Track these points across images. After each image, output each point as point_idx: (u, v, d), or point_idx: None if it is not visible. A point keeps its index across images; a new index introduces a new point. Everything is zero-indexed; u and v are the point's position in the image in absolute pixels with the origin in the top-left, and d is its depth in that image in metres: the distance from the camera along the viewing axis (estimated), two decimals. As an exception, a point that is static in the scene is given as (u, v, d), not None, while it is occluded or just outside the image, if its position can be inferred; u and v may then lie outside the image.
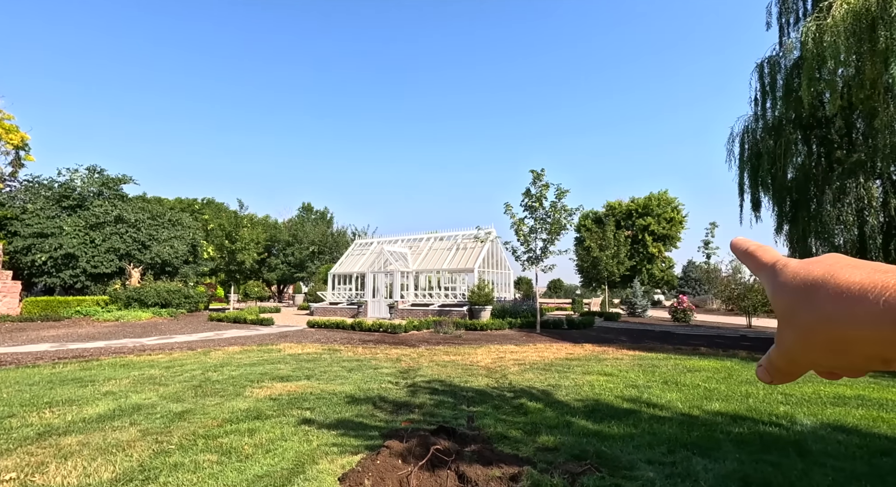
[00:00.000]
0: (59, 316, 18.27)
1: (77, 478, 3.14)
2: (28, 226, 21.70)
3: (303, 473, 3.19)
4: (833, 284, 0.29)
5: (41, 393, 5.60)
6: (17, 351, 9.73)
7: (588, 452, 3.57)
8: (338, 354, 9.21)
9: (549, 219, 14.37)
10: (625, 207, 41.19)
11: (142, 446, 3.76)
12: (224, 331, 13.98)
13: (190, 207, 41.06)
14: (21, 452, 3.62)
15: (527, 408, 4.99)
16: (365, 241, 27.00)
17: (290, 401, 5.25)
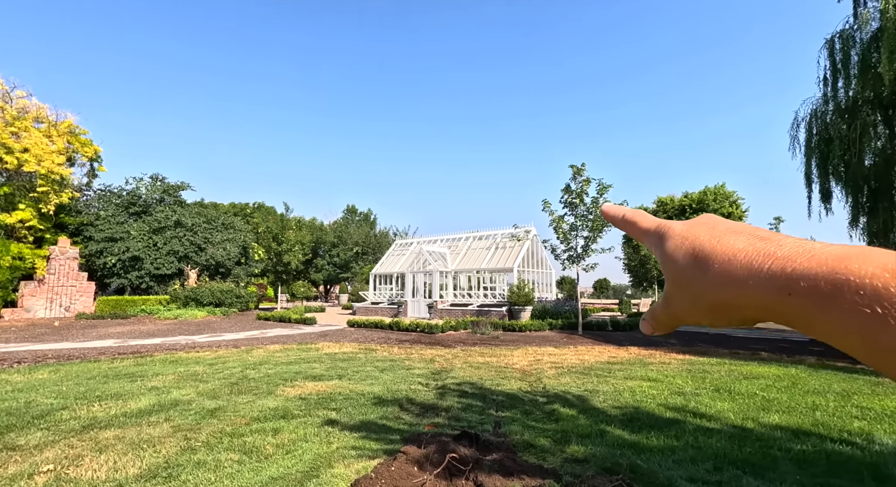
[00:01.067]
0: (126, 314, 19.78)
1: (106, 473, 3.25)
2: (101, 231, 23.69)
3: (316, 477, 3.12)
4: (720, 252, 0.30)
5: (95, 387, 5.97)
6: (84, 346, 10.56)
7: (621, 465, 3.26)
8: (373, 354, 9.25)
9: (591, 216, 13.76)
10: (677, 203, 38.92)
11: (171, 442, 3.86)
12: (269, 330, 14.52)
13: (242, 211, 43.29)
14: (63, 444, 3.81)
15: (559, 415, 4.70)
16: (405, 242, 27.24)
17: (319, 401, 5.26)
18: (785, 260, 0.27)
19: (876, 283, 0.22)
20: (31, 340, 11.84)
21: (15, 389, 5.89)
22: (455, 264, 22.12)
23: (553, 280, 23.83)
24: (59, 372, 7.14)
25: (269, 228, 31.40)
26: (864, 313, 0.22)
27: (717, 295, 0.30)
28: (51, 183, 20.99)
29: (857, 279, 0.23)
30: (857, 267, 0.23)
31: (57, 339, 12.03)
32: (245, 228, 29.68)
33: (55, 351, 9.58)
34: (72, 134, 23.00)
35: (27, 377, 6.72)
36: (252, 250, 29.56)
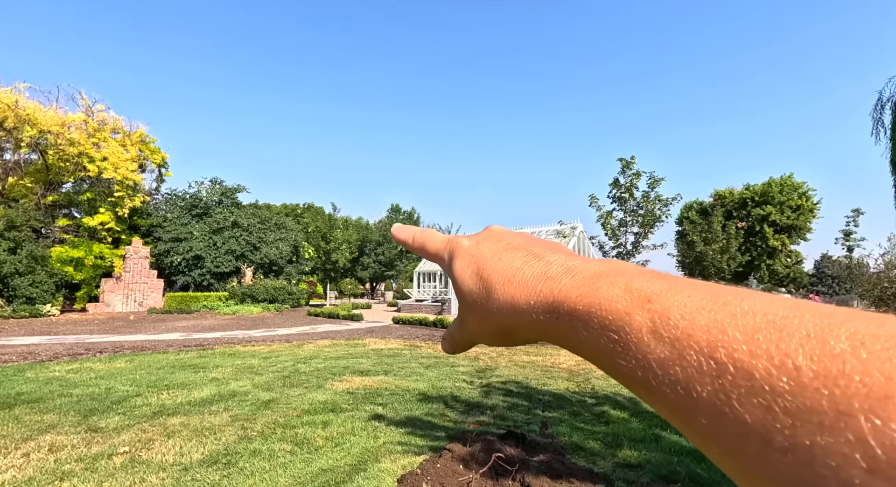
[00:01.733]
0: (190, 309, 21.25)
1: (173, 457, 3.48)
2: (168, 232, 25.59)
3: (364, 471, 3.18)
4: (501, 273, 0.30)
5: (163, 377, 6.45)
6: (154, 338, 11.45)
7: (679, 473, 3.07)
8: (418, 350, 9.35)
9: (642, 211, 13.15)
10: (737, 196, 36.40)
11: (230, 431, 4.08)
12: (318, 326, 15.08)
13: (293, 212, 45.26)
14: (136, 429, 4.13)
15: (609, 417, 4.52)
16: (448, 240, 27.35)
17: (366, 396, 5.38)
18: (553, 281, 0.26)
19: (616, 306, 0.22)
20: (110, 332, 12.99)
21: (97, 376, 6.47)
22: (498, 262, 21.93)
23: (601, 278, 23.05)
24: (134, 361, 7.77)
25: (317, 228, 32.61)
26: (611, 337, 0.22)
27: (501, 318, 0.29)
28: (125, 188, 22.91)
29: (605, 302, 0.23)
30: (606, 289, 0.23)
31: (132, 331, 13.12)
32: (296, 228, 30.99)
33: (130, 343, 10.45)
34: (143, 142, 24.97)
35: (107, 365, 7.37)
36: (302, 249, 30.86)
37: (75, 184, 24.66)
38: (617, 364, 0.21)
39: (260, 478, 3.08)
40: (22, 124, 20.85)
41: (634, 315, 0.21)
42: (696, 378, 0.18)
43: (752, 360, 0.16)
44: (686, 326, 0.19)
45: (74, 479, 3.06)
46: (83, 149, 21.85)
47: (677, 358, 0.19)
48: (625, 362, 0.21)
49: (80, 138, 21.86)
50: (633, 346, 0.21)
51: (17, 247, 19.36)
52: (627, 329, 0.21)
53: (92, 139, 22.40)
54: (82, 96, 23.69)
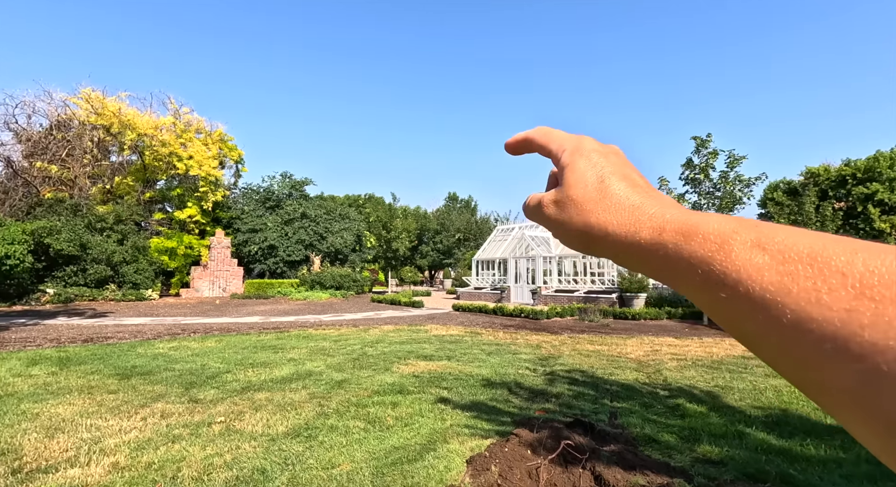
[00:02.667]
0: (267, 294, 22.97)
1: (262, 428, 3.82)
2: (245, 223, 27.73)
3: (434, 450, 3.29)
4: (616, 191, 0.32)
5: (248, 356, 7.06)
6: (237, 321, 12.54)
7: (768, 473, 2.86)
8: (479, 337, 9.42)
9: (719, 193, 12.14)
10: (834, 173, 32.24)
11: (308, 407, 4.40)
12: (382, 312, 15.67)
13: (355, 202, 47.00)
14: (229, 401, 4.58)
15: (685, 410, 4.29)
16: (506, 227, 27.07)
17: (431, 380, 5.53)
18: (665, 209, 0.29)
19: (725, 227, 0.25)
20: (200, 315, 14.42)
21: (193, 354, 7.24)
22: (560, 249, 21.36)
23: (671, 265, 21.70)
24: (222, 341, 8.58)
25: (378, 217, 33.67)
26: (711, 246, 0.25)
27: (596, 221, 0.32)
28: (209, 184, 25.09)
29: (714, 223, 0.26)
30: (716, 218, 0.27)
31: (218, 315, 14.47)
32: (358, 218, 32.25)
33: (218, 325, 11.54)
34: (222, 141, 27.12)
35: (201, 344, 8.21)
36: (365, 238, 32.08)
37: (167, 182, 27.42)
38: (713, 270, 0.24)
39: (339, 452, 3.30)
40: (124, 129, 23.44)
41: (741, 232, 0.24)
42: (792, 276, 0.21)
43: (848, 264, 0.20)
44: (790, 242, 0.23)
45: (183, 442, 3.47)
46: (173, 149, 24.17)
47: (778, 262, 0.22)
48: (719, 267, 0.24)
49: (170, 139, 24.19)
50: (733, 254, 0.24)
51: (123, 239, 21.97)
52: (732, 242, 0.24)
53: (180, 140, 24.70)
54: (171, 101, 26.12)
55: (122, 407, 4.36)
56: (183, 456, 3.20)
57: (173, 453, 3.27)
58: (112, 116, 23.09)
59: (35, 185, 23.21)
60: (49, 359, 6.65)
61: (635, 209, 0.31)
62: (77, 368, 6.08)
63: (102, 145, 25.04)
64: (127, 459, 3.16)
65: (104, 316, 13.55)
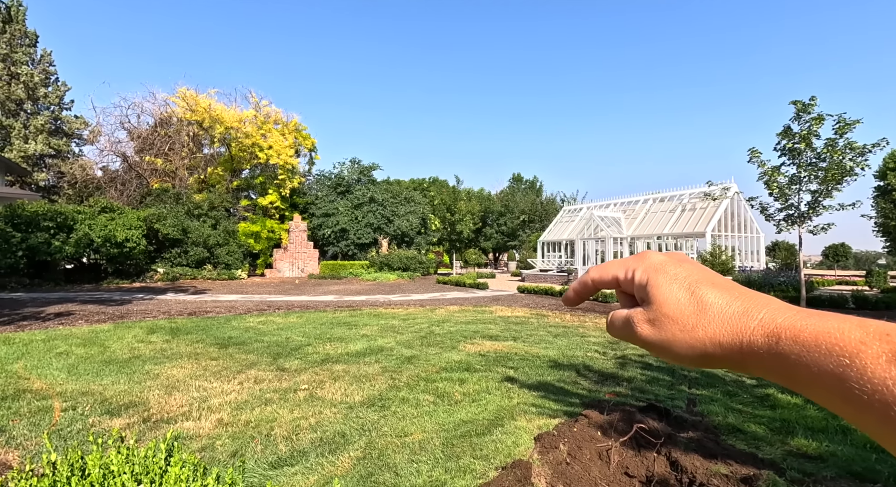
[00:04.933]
0: (340, 275, 24.37)
1: (340, 397, 4.13)
2: (319, 208, 29.43)
3: (501, 426, 3.36)
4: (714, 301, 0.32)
5: (325, 331, 7.60)
6: (314, 299, 13.49)
7: (879, 473, 2.57)
8: (545, 319, 9.31)
9: (824, 164, 10.68)
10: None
11: (381, 379, 4.67)
12: (447, 293, 15.98)
13: (420, 186, 47.81)
14: (311, 371, 4.99)
15: (776, 401, 3.95)
16: (574, 208, 26.12)
17: (497, 359, 5.60)
18: (771, 312, 0.29)
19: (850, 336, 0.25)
20: (282, 293, 15.70)
21: (278, 328, 7.93)
22: (632, 230, 20.23)
23: (761, 246, 19.72)
24: (303, 317, 9.30)
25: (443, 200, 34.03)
26: (841, 361, 0.24)
27: (707, 336, 0.32)
28: (286, 171, 26.86)
29: (836, 331, 0.25)
30: (835, 321, 0.26)
31: (298, 293, 15.66)
32: (423, 201, 32.84)
33: (298, 302, 12.50)
34: (297, 131, 28.78)
35: (284, 320, 8.97)
36: (429, 221, 32.67)
37: (250, 171, 29.77)
38: (846, 386, 0.24)
39: (410, 422, 3.48)
40: (214, 123, 25.69)
41: (872, 344, 0.24)
42: None
43: None
44: None
45: (274, 405, 3.87)
46: (255, 141, 26.12)
47: None
48: (856, 384, 0.23)
49: (252, 131, 26.14)
50: (868, 371, 0.23)
51: (216, 224, 24.36)
52: (863, 355, 0.23)
53: (260, 131, 26.60)
54: (252, 95, 28.11)
55: (222, 372, 4.92)
56: (274, 417, 3.57)
57: (266, 414, 3.66)
58: (203, 112, 25.41)
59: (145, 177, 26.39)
60: (163, 329, 7.65)
61: (741, 316, 0.30)
62: (185, 337, 6.95)
63: (196, 139, 27.73)
64: (229, 416, 3.59)
65: (203, 293, 15.25)
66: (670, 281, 0.35)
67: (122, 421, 3.48)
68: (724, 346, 0.31)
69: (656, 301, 0.35)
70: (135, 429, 3.32)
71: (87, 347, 6.13)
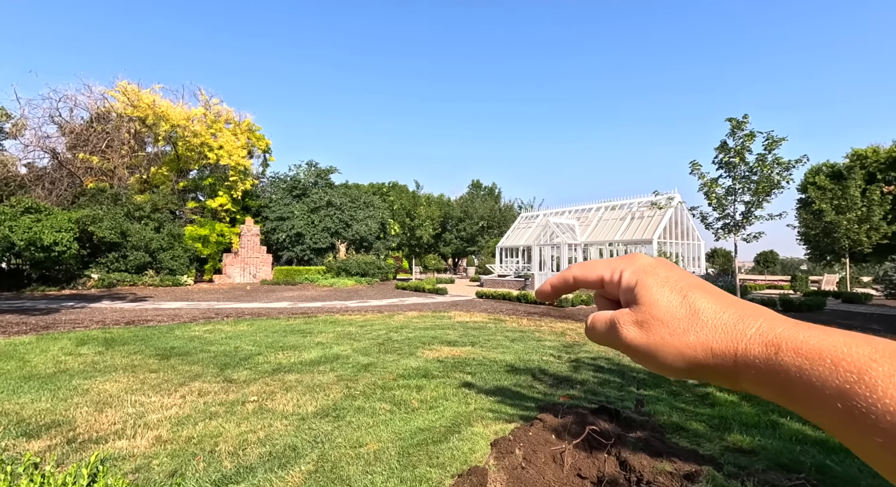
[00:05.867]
0: (295, 281, 23.59)
1: (292, 408, 3.97)
2: (273, 211, 28.40)
3: (458, 433, 3.34)
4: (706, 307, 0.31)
5: (278, 339, 7.30)
6: (268, 306, 12.95)
7: (803, 463, 2.78)
8: (502, 324, 9.43)
9: (755, 177, 11.60)
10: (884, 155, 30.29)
11: (336, 389, 4.53)
12: (406, 298, 15.86)
13: (379, 190, 47.30)
14: (261, 382, 4.77)
15: (715, 399, 4.20)
16: (531, 214, 26.78)
17: (455, 365, 5.59)
18: (768, 323, 0.28)
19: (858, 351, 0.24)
20: (232, 300, 14.96)
21: (227, 336, 7.53)
22: (585, 236, 21.01)
23: (702, 252, 21.04)
24: (254, 325, 8.89)
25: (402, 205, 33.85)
26: (848, 378, 0.23)
27: (699, 342, 0.30)
28: (238, 173, 25.75)
29: (843, 346, 0.25)
30: (842, 336, 0.25)
31: (249, 300, 14.98)
32: (382, 206, 32.52)
33: (249, 310, 11.95)
34: (250, 131, 27.70)
35: (233, 328, 8.53)
36: (389, 226, 32.37)
37: (199, 171, 28.28)
38: (851, 405, 0.22)
39: (366, 432, 3.39)
40: (158, 120, 24.22)
41: (883, 362, 0.23)
42: None
43: None
44: None
45: (219, 419, 3.65)
46: (204, 140, 24.87)
47: None
48: (863, 403, 0.22)
49: (201, 130, 24.87)
50: (879, 390, 0.22)
51: (160, 227, 22.89)
52: (873, 373, 0.22)
53: (210, 130, 25.36)
54: (201, 92, 26.78)
55: (162, 385, 4.60)
56: (220, 432, 3.37)
57: (210, 429, 3.44)
58: (147, 108, 23.90)
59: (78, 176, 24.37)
60: (96, 340, 7.06)
61: (736, 323, 0.29)
62: (121, 348, 6.44)
63: (139, 136, 26.00)
64: (169, 433, 3.35)
65: (144, 301, 14.25)
66: (661, 284, 0.34)
67: (42, 444, 3.16)
68: (716, 354, 0.29)
69: (645, 302, 0.33)
70: (56, 452, 3.02)
71: (3, 362, 5.54)
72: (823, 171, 32.26)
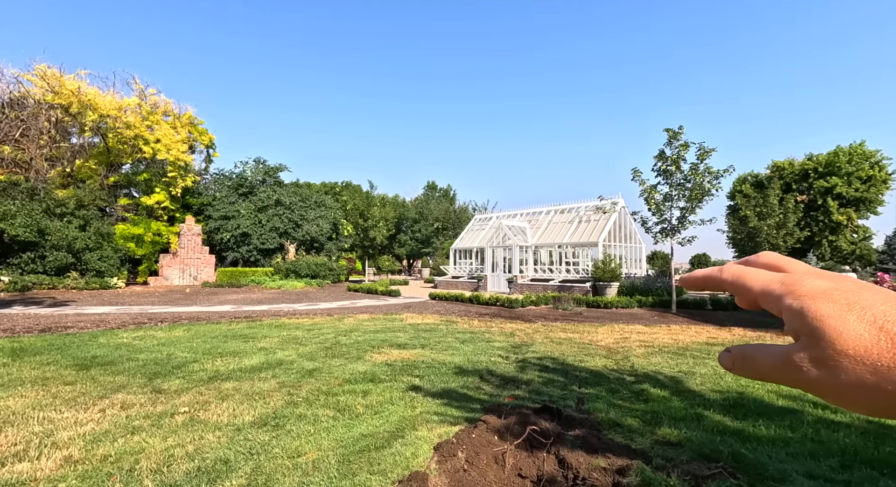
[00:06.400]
0: (240, 283, 22.48)
1: (227, 418, 3.75)
2: (217, 210, 26.92)
3: (402, 437, 3.30)
4: None
5: (217, 345, 6.90)
6: (209, 310, 12.23)
7: (721, 453, 2.98)
8: (454, 326, 9.47)
9: (689, 184, 12.45)
10: (798, 167, 33.60)
11: (277, 396, 4.34)
12: (358, 301, 15.56)
13: (332, 190, 46.18)
14: (194, 391, 4.47)
15: (649, 395, 4.43)
16: (484, 216, 27.17)
17: (403, 368, 5.54)
18: None
19: None
20: (169, 303, 14.00)
21: (159, 343, 7.02)
22: (536, 238, 21.61)
23: (643, 255, 22.27)
24: (191, 331, 8.36)
25: (356, 206, 33.25)
26: None
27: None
28: (178, 168, 24.16)
29: None
30: None
31: (188, 303, 14.08)
32: (335, 206, 31.75)
33: (187, 314, 11.22)
34: (192, 124, 26.08)
35: (168, 334, 7.97)
36: (342, 226, 31.65)
37: (133, 166, 26.27)
38: None
39: (306, 440, 3.27)
40: (85, 109, 22.23)
41: None
42: None
43: None
44: None
45: (143, 433, 3.37)
46: (138, 132, 23.12)
47: None
48: None
49: (136, 121, 23.11)
50: None
51: (86, 225, 21.01)
52: None
53: (146, 122, 23.62)
54: (136, 81, 24.90)
55: (78, 399, 4.19)
56: (142, 448, 3.11)
57: (132, 445, 3.17)
58: (71, 95, 21.87)
59: (-13, 167, 21.85)
60: (0, 350, 6.33)
61: None
62: (31, 359, 5.82)
63: (61, 126, 23.72)
64: (81, 452, 3.05)
65: (65, 305, 12.99)
66: (844, 312, 0.29)
67: (-74, 471, 2.77)
68: None
69: (827, 336, 0.28)
70: (-57, 480, 2.66)
71: None
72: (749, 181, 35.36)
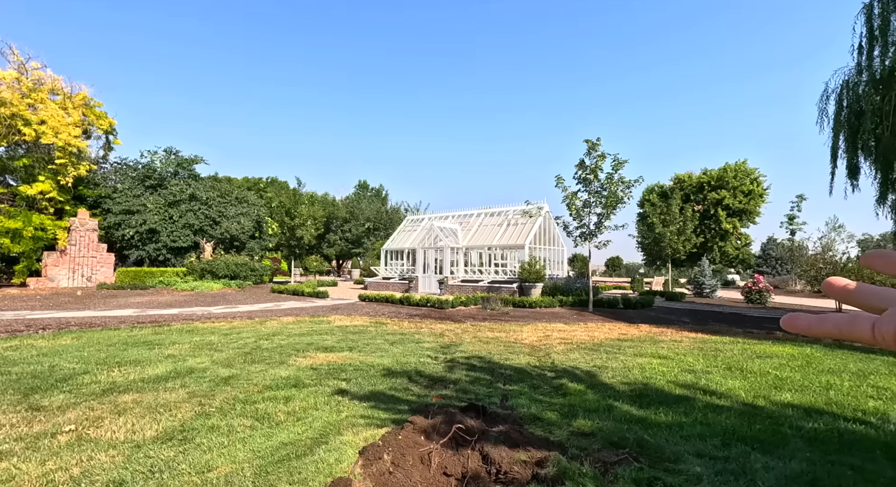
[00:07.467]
0: (145, 285, 20.30)
1: (124, 434, 3.36)
2: (118, 203, 24.09)
3: (325, 443, 3.19)
4: None
5: (115, 354, 6.17)
6: (105, 315, 10.89)
7: (628, 440, 3.26)
8: (383, 327, 9.36)
9: (605, 192, 13.48)
10: (695, 180, 37.96)
11: (186, 407, 3.98)
12: (283, 303, 14.79)
13: (256, 186, 43.52)
14: (84, 406, 3.95)
15: (567, 389, 4.71)
16: (416, 217, 27.19)
17: (330, 372, 5.36)
18: None
19: None
20: (54, 308, 12.25)
21: (40, 354, 6.11)
22: (466, 240, 22.06)
23: (565, 257, 23.68)
24: (82, 338, 7.38)
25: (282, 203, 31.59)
26: None
27: None
28: (68, 155, 21.23)
29: None
30: None
31: (79, 308, 12.42)
32: (259, 203, 29.90)
33: (78, 319, 9.90)
34: (87, 106, 23.08)
35: (51, 343, 6.97)
36: (266, 224, 29.87)
37: (8, 149, 22.61)
38: None
39: (218, 453, 3.03)
40: (-57, 80, 18.81)
41: None
42: None
43: None
44: None
45: (14, 459, 2.91)
46: (16, 111, 19.97)
47: None
48: None
49: (13, 98, 19.94)
50: None
51: (-57, 217, 17.72)
52: None
53: (27, 100, 20.48)
54: (13, 51, 21.52)
55: (-72, 423, 3.51)
56: (11, 476, 2.68)
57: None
58: (-73, 61, 18.32)
59: None
60: None
61: None
62: None
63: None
64: (-70, 486, 2.56)
65: (-87, 312, 10.83)
66: None
67: None
68: None
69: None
70: None
71: None
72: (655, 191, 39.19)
